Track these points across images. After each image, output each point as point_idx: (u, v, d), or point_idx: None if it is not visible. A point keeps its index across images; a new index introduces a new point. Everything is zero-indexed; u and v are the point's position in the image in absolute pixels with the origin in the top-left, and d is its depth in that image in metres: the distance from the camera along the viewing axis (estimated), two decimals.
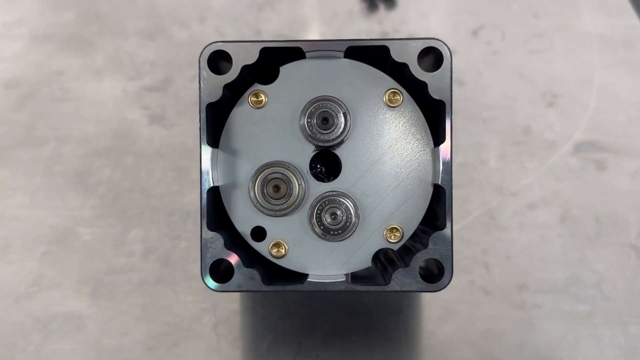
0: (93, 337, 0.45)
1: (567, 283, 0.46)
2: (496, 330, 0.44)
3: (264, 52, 0.35)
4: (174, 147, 0.55)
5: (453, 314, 0.45)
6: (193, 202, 0.51)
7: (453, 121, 0.35)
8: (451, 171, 0.35)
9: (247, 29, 0.62)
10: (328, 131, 0.36)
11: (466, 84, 0.59)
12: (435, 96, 0.35)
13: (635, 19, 0.61)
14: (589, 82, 0.58)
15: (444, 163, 0.35)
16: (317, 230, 0.36)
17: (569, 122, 0.55)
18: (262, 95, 0.37)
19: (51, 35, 0.62)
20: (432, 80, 0.35)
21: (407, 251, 0.37)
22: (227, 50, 0.35)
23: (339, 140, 0.36)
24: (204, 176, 0.36)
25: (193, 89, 0.59)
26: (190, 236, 0.49)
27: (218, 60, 0.36)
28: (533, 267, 0.47)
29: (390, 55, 0.35)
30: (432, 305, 0.45)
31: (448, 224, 0.35)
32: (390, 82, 0.37)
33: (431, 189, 0.37)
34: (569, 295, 0.46)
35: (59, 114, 0.58)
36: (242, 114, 0.37)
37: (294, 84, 0.37)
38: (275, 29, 0.61)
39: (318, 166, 0.38)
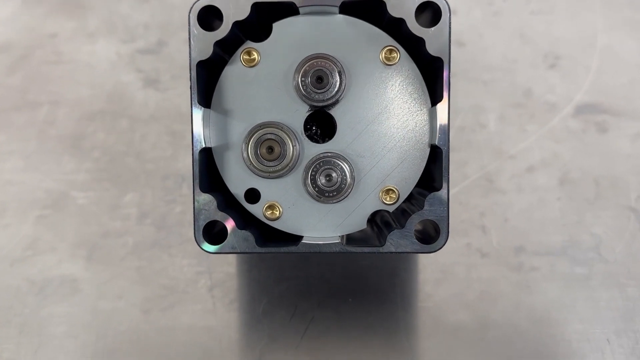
0: (89, 300, 0.45)
1: (565, 246, 0.46)
2: (492, 293, 0.44)
3: (256, 7, 0.34)
4: (168, 110, 0.54)
5: (449, 276, 0.45)
6: (188, 166, 0.51)
7: (452, 83, 0.35)
8: (448, 131, 0.35)
9: None
10: (323, 90, 0.35)
11: (466, 46, 0.57)
12: (433, 53, 0.34)
13: None
14: (591, 44, 0.57)
15: (441, 123, 0.35)
16: (312, 192, 0.36)
17: (570, 84, 0.54)
18: (254, 53, 0.36)
19: None
20: (430, 36, 0.34)
21: (402, 213, 0.36)
22: (217, 6, 0.34)
23: (333, 100, 0.35)
24: (196, 137, 0.35)
25: (187, 52, 0.58)
26: (185, 200, 0.49)
27: (208, 17, 0.35)
28: (531, 230, 0.46)
29: (387, 11, 0.34)
30: (428, 268, 0.45)
31: (444, 185, 0.34)
32: (386, 39, 0.36)
33: (428, 150, 0.36)
34: (566, 258, 0.45)
35: (53, 78, 0.57)
36: (234, 73, 0.36)
37: (288, 42, 0.36)
38: None
39: (313, 127, 0.37)
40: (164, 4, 0.61)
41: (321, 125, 0.37)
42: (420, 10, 0.34)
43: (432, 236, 0.35)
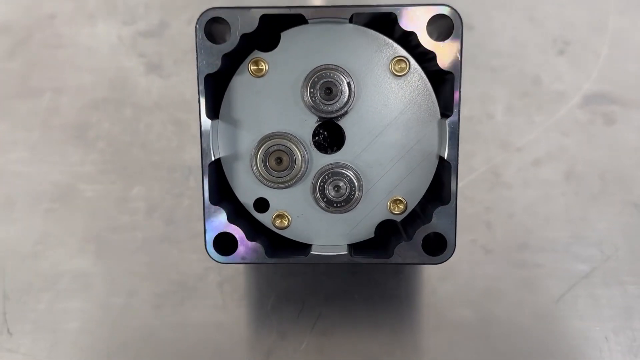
0: (101, 296, 0.46)
1: (569, 242, 0.46)
2: (496, 289, 0.45)
3: (264, 19, 0.34)
4: (172, 98, 0.54)
5: (453, 272, 0.46)
6: (194, 157, 0.51)
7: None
8: (458, 146, 0.35)
9: None
10: (331, 102, 0.35)
11: (475, 29, 0.56)
12: (444, 67, 0.33)
13: None
14: (602, 27, 0.56)
15: (450, 137, 0.34)
16: (321, 202, 0.36)
17: (579, 71, 0.54)
18: (262, 63, 0.35)
19: None
20: (442, 50, 0.33)
21: (410, 222, 0.37)
22: (224, 18, 0.33)
23: (342, 111, 0.35)
24: (205, 150, 0.35)
25: (189, 34, 0.57)
26: (192, 194, 0.49)
27: (215, 27, 0.34)
28: (535, 226, 0.47)
29: (398, 23, 0.33)
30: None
31: (452, 199, 0.35)
32: (396, 49, 0.35)
33: (436, 161, 0.36)
34: (569, 255, 0.46)
35: (54, 63, 0.56)
36: (242, 83, 0.36)
37: (296, 51, 0.35)
38: None
39: (321, 137, 0.37)
40: None
41: (330, 135, 0.37)
42: (432, 20, 0.33)
43: (439, 248, 0.35)
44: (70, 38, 0.57)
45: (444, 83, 0.35)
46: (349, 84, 0.35)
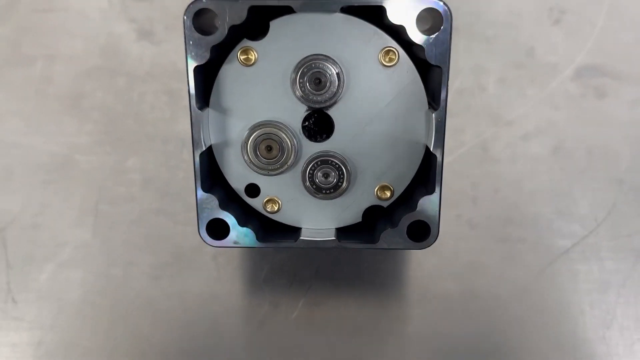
0: (101, 266, 0.48)
1: (552, 218, 0.48)
2: (479, 263, 0.47)
3: (253, 9, 0.33)
4: (164, 67, 0.53)
5: (439, 247, 0.47)
6: (187, 130, 0.50)
7: (454, 41, 0.34)
8: (444, 139, 0.35)
9: None
10: (321, 92, 0.35)
11: None
12: (433, 62, 0.34)
13: None
14: None
15: (436, 131, 0.35)
16: (310, 189, 0.37)
17: (573, 42, 0.53)
18: (251, 52, 0.36)
19: None
20: (430, 45, 0.33)
21: (396, 208, 0.38)
22: (212, 9, 0.33)
23: (332, 101, 0.36)
24: (196, 140, 0.36)
25: None
26: (187, 166, 0.50)
27: (203, 17, 0.34)
28: (520, 201, 0.48)
29: (387, 16, 0.33)
30: None
31: (437, 189, 0.36)
32: (386, 39, 0.35)
33: (423, 150, 0.37)
34: (552, 230, 0.48)
35: (45, 29, 0.55)
36: (231, 72, 0.36)
37: (285, 40, 0.35)
38: None
39: (311, 125, 0.37)
40: None
41: (319, 123, 0.37)
42: (421, 15, 0.33)
43: (423, 234, 0.37)
44: (61, 2, 0.56)
45: (432, 74, 0.35)
46: (338, 74, 0.35)
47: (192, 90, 0.35)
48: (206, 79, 0.36)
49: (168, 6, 0.56)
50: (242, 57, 0.36)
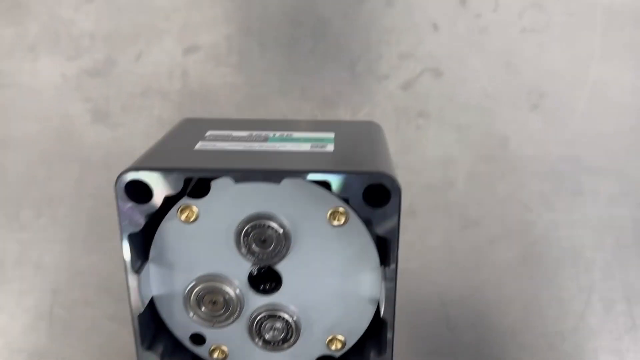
0: None
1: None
2: None
3: (189, 180, 0.31)
4: (120, 156, 0.51)
5: None
6: None
7: (424, 127, 0.32)
8: (394, 305, 0.33)
9: None
10: (266, 250, 0.33)
11: (444, 75, 0.52)
12: (381, 234, 0.32)
13: None
14: (583, 76, 0.52)
15: (387, 298, 0.33)
16: (258, 342, 0.36)
17: (552, 131, 0.51)
18: (192, 209, 0.33)
19: None
20: (378, 217, 0.31)
21: (350, 357, 0.37)
22: (145, 181, 0.31)
23: (277, 259, 0.34)
24: (134, 302, 0.34)
25: (137, 73, 0.53)
26: None
27: (138, 189, 0.32)
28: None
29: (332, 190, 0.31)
30: None
31: (388, 351, 0.34)
32: (334, 200, 0.33)
33: (376, 305, 0.35)
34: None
35: None
36: (171, 229, 0.34)
37: (228, 200, 0.33)
38: None
39: (257, 279, 0.36)
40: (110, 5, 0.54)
41: (266, 276, 0.36)
42: (368, 189, 0.31)
43: None
44: (12, 77, 0.53)
45: (383, 240, 0.33)
46: (284, 233, 0.33)
47: (128, 257, 0.33)
48: (145, 236, 0.34)
49: (124, 82, 0.53)
50: (182, 216, 0.33)
